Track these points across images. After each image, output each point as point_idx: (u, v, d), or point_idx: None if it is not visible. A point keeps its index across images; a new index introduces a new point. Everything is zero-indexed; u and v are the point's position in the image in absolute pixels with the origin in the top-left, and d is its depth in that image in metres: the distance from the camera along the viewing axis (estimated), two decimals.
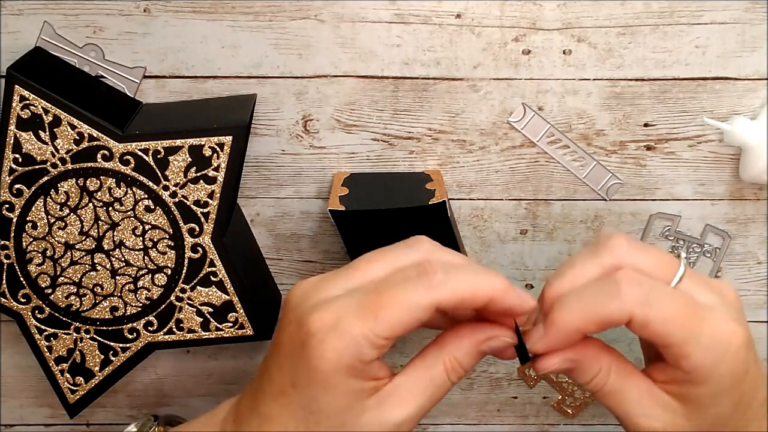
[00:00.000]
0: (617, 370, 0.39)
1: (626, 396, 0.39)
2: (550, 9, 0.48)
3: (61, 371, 0.51)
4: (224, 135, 0.46)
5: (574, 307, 0.36)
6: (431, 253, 0.37)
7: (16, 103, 0.46)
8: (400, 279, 0.36)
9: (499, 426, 0.58)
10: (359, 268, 0.37)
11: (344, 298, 0.36)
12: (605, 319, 0.36)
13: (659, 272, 0.37)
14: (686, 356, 0.36)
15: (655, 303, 0.36)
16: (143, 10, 0.48)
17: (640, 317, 0.36)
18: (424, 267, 0.36)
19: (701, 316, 0.36)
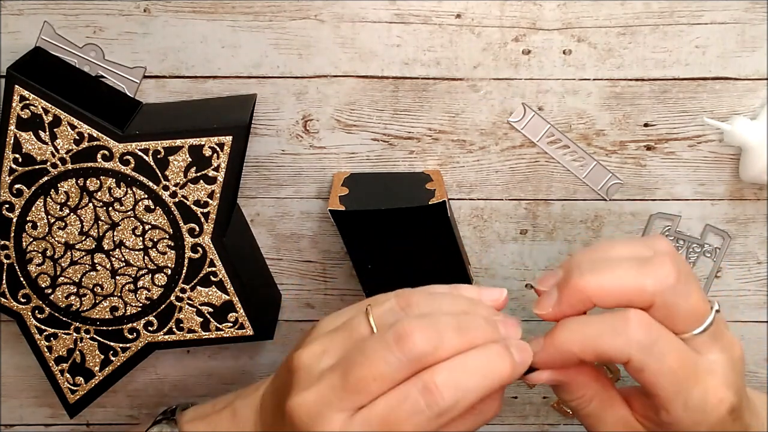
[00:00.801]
0: (600, 399, 0.40)
1: (602, 422, 0.40)
2: (550, 9, 0.48)
3: (61, 371, 0.51)
4: (224, 135, 0.46)
5: (577, 333, 0.37)
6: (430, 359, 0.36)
7: (16, 103, 0.46)
8: (410, 411, 0.35)
9: (499, 426, 0.58)
10: (359, 389, 0.36)
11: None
12: (604, 353, 0.36)
13: (688, 319, 0.37)
14: (668, 411, 0.37)
15: (657, 353, 0.36)
16: (143, 10, 0.48)
17: (637, 362, 0.36)
18: (430, 390, 0.35)
19: (696, 378, 0.37)
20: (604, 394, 0.40)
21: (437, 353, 0.36)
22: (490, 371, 0.36)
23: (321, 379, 0.37)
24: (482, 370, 0.36)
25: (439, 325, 0.36)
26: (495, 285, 0.54)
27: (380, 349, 0.36)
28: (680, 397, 0.36)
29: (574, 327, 0.37)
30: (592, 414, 0.40)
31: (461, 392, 0.35)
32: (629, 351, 0.36)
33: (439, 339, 0.36)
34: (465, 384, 0.35)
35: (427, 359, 0.36)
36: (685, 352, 0.37)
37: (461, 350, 0.36)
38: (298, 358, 0.39)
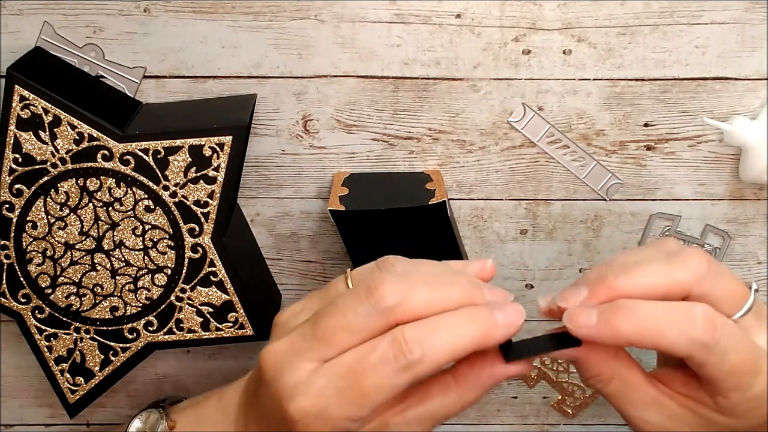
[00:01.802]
0: (621, 379, 0.38)
1: (627, 403, 0.39)
2: (550, 9, 0.48)
3: (61, 371, 0.51)
4: (224, 135, 0.46)
5: (641, 321, 0.35)
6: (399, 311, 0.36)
7: (16, 103, 0.46)
8: (376, 361, 0.35)
9: (499, 426, 0.58)
10: (327, 338, 0.36)
11: (320, 381, 0.36)
12: (664, 346, 0.35)
13: (728, 303, 0.37)
14: (727, 398, 0.37)
15: (720, 352, 0.35)
16: (143, 10, 0.48)
17: (699, 360, 0.36)
18: (398, 343, 0.35)
19: (757, 368, 0.36)
20: (626, 373, 0.38)
21: (406, 305, 0.35)
22: (462, 331, 0.35)
23: (293, 330, 0.37)
24: (454, 330, 0.35)
25: (411, 280, 0.36)
26: (495, 285, 0.54)
27: (350, 300, 0.36)
28: (742, 389, 0.36)
29: (637, 316, 0.35)
30: (616, 395, 0.39)
31: (429, 347, 0.35)
32: (691, 350, 0.35)
33: (408, 292, 0.36)
34: (434, 340, 0.35)
35: (396, 311, 0.36)
36: (747, 346, 0.36)
37: (432, 306, 0.36)
38: (277, 317, 0.40)
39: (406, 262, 0.39)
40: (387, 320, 0.36)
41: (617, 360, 0.38)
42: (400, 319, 0.36)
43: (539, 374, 0.57)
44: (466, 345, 0.35)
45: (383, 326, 0.36)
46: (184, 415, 0.46)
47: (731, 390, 0.36)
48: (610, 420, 0.58)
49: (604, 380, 0.38)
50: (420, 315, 0.36)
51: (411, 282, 0.36)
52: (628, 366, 0.38)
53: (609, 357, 0.38)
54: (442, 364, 0.35)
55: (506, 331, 0.36)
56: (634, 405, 0.39)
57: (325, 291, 0.40)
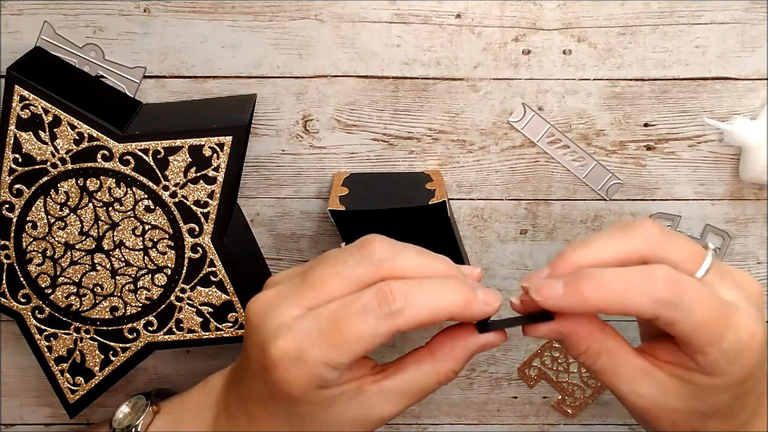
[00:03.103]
0: (608, 352, 0.39)
1: (616, 376, 0.39)
2: (550, 9, 0.48)
3: (61, 371, 0.51)
4: (224, 135, 0.46)
5: (605, 287, 0.36)
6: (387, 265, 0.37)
7: (16, 103, 0.46)
8: (360, 308, 0.36)
9: (499, 426, 0.58)
10: (315, 285, 0.37)
11: (303, 324, 0.36)
12: (630, 310, 0.36)
13: (687, 263, 0.37)
14: (704, 354, 0.37)
15: (685, 308, 0.36)
16: (143, 10, 0.48)
17: (666, 319, 0.36)
18: (384, 293, 0.36)
19: (726, 319, 0.36)
20: (613, 345, 0.39)
21: (395, 261, 0.37)
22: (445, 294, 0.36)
23: (283, 282, 0.38)
24: (437, 291, 0.36)
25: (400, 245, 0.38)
26: (495, 285, 0.54)
27: (342, 253, 0.37)
28: (715, 342, 0.36)
29: (601, 281, 0.36)
30: (605, 368, 0.39)
31: (412, 302, 0.36)
32: (657, 310, 0.36)
33: (398, 252, 0.37)
34: (418, 296, 0.36)
35: (385, 266, 0.37)
36: (711, 298, 0.36)
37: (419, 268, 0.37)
38: (270, 278, 0.40)
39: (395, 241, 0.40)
40: (376, 272, 0.37)
41: (604, 333, 0.39)
42: (388, 273, 0.37)
43: (539, 374, 0.57)
44: (446, 308, 0.36)
45: (372, 278, 0.37)
46: (170, 402, 0.48)
47: (705, 344, 0.36)
48: (610, 420, 0.58)
49: (593, 355, 0.39)
50: (408, 273, 0.37)
51: (400, 247, 0.38)
52: (614, 339, 0.39)
53: (595, 331, 0.39)
54: (422, 320, 0.36)
55: (484, 308, 0.37)
56: (625, 378, 0.39)
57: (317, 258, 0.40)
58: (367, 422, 0.39)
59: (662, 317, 0.36)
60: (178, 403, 0.47)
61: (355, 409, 0.38)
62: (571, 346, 0.39)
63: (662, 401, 0.39)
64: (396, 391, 0.39)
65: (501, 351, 0.56)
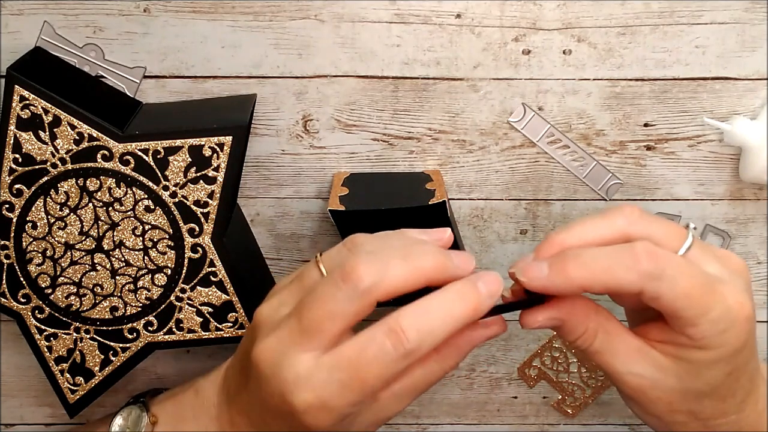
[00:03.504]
0: (604, 331, 0.39)
1: (614, 355, 0.40)
2: (550, 9, 0.48)
3: (61, 371, 0.51)
4: (224, 135, 0.46)
5: (589, 264, 0.37)
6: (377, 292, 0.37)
7: (16, 103, 0.46)
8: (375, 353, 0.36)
9: (499, 426, 0.58)
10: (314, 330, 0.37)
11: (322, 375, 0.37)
12: (615, 286, 0.36)
13: (669, 241, 0.38)
14: (694, 326, 0.37)
15: (668, 280, 0.36)
16: (143, 10, 0.48)
17: (651, 292, 0.36)
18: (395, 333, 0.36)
19: (712, 290, 0.37)
20: (608, 324, 0.39)
21: (384, 283, 0.37)
22: (453, 309, 0.37)
23: (279, 325, 0.38)
24: (445, 309, 0.36)
25: (384, 256, 0.37)
26: None
27: (329, 288, 0.37)
28: (703, 313, 0.37)
29: (584, 260, 0.37)
30: (602, 349, 0.40)
31: (426, 332, 0.36)
32: (641, 283, 0.36)
33: (384, 269, 0.37)
34: (429, 324, 0.36)
35: (375, 291, 0.37)
36: (695, 270, 0.37)
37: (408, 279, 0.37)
38: (258, 314, 0.40)
39: (373, 239, 0.40)
40: (368, 300, 0.37)
41: (599, 314, 0.39)
42: (380, 296, 0.37)
43: (539, 374, 0.57)
44: (458, 323, 0.37)
45: (366, 307, 0.37)
46: (164, 410, 0.47)
47: (694, 316, 0.37)
48: (610, 420, 0.58)
49: (590, 336, 0.39)
50: (399, 290, 0.37)
51: (384, 258, 0.37)
52: (609, 319, 0.40)
53: (591, 312, 0.39)
54: (438, 344, 0.37)
55: (490, 302, 0.38)
56: (622, 358, 0.39)
57: (299, 281, 0.40)
58: (380, 422, 0.40)
59: (647, 291, 0.36)
60: (174, 411, 0.47)
61: (371, 416, 0.39)
62: (568, 331, 0.39)
63: (659, 381, 0.39)
64: (406, 391, 0.39)
65: (501, 351, 0.56)
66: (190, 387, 0.47)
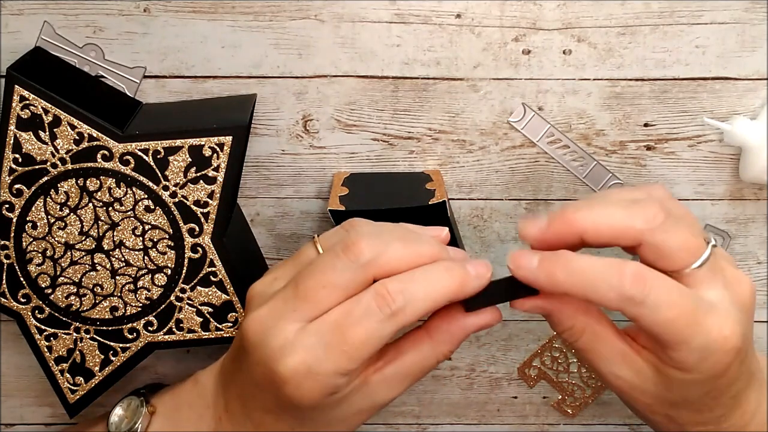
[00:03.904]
0: (591, 332, 0.40)
1: (597, 356, 0.40)
2: (550, 9, 0.48)
3: (61, 371, 0.51)
4: (224, 135, 0.46)
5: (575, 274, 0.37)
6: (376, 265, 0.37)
7: (16, 103, 0.46)
8: (361, 314, 0.36)
9: (499, 426, 0.58)
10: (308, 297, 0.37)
11: (307, 339, 0.36)
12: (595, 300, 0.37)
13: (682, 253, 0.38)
14: (673, 351, 0.37)
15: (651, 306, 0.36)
16: (143, 10, 0.48)
17: (631, 315, 0.37)
18: (381, 295, 0.36)
19: (696, 320, 0.37)
20: (596, 326, 0.40)
21: (383, 259, 0.37)
22: (440, 281, 0.37)
23: (273, 297, 0.38)
24: (432, 279, 0.37)
25: (384, 236, 0.38)
26: None
27: (329, 259, 0.37)
28: (683, 341, 0.37)
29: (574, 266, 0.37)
30: (586, 348, 0.40)
31: (411, 296, 0.36)
32: (621, 304, 0.36)
33: (384, 246, 0.37)
34: (415, 289, 0.36)
35: (374, 265, 0.37)
36: (682, 299, 0.37)
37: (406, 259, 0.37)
38: (251, 289, 0.41)
39: (372, 224, 0.40)
40: (366, 274, 0.37)
41: (588, 315, 0.40)
42: (378, 273, 0.37)
43: (539, 374, 0.57)
44: (444, 294, 0.37)
45: (363, 281, 0.37)
46: (162, 400, 0.47)
47: (674, 343, 0.37)
48: (610, 420, 0.58)
49: (576, 333, 0.40)
50: (397, 268, 0.37)
51: (384, 239, 0.38)
52: (598, 320, 0.40)
53: (580, 311, 0.39)
54: (423, 313, 0.37)
55: (477, 282, 0.38)
56: (605, 359, 0.40)
57: (296, 258, 0.41)
58: (372, 409, 0.40)
59: (627, 313, 0.37)
60: (171, 401, 0.47)
61: (361, 401, 0.39)
62: (555, 323, 0.40)
63: (638, 385, 0.40)
64: (398, 376, 0.39)
65: (501, 351, 0.56)
66: (190, 378, 0.47)
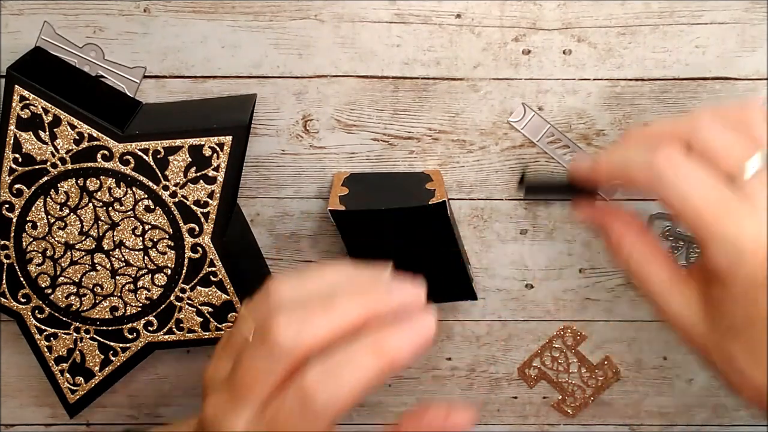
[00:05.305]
0: (640, 253, 0.40)
1: (648, 281, 0.40)
2: (550, 9, 0.48)
3: (61, 371, 0.51)
4: (224, 135, 0.46)
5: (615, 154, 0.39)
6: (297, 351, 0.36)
7: (16, 103, 0.46)
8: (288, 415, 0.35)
9: (499, 426, 0.58)
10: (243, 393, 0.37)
11: None
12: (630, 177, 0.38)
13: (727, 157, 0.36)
14: (705, 249, 0.36)
15: (680, 192, 0.36)
16: (143, 10, 0.48)
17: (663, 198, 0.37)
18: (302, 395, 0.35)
19: (728, 219, 0.36)
20: (645, 248, 0.40)
21: (304, 342, 0.35)
22: (365, 369, 0.35)
23: (219, 387, 0.39)
24: (356, 368, 0.35)
25: (306, 308, 0.36)
26: (495, 285, 0.54)
27: (252, 352, 0.37)
28: (711, 237, 0.36)
29: (616, 149, 0.39)
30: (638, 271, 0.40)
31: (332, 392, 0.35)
32: (651, 182, 0.37)
33: (302, 326, 0.36)
34: (336, 385, 0.35)
35: (295, 351, 0.36)
36: (715, 191, 0.36)
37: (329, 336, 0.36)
38: (204, 375, 0.41)
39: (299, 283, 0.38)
40: (289, 360, 0.36)
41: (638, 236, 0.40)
42: (302, 354, 0.36)
43: (539, 374, 0.57)
44: (371, 380, 0.35)
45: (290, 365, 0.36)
46: None
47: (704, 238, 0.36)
48: (610, 420, 0.58)
49: (624, 252, 0.40)
50: (321, 344, 0.36)
51: (305, 313, 0.36)
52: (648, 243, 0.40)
53: (631, 230, 0.40)
54: (349, 404, 0.35)
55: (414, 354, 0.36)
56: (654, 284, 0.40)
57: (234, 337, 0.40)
58: None
59: (660, 196, 0.37)
60: None
61: None
62: (604, 239, 0.41)
63: (688, 317, 0.39)
64: None
65: (501, 351, 0.56)
66: None
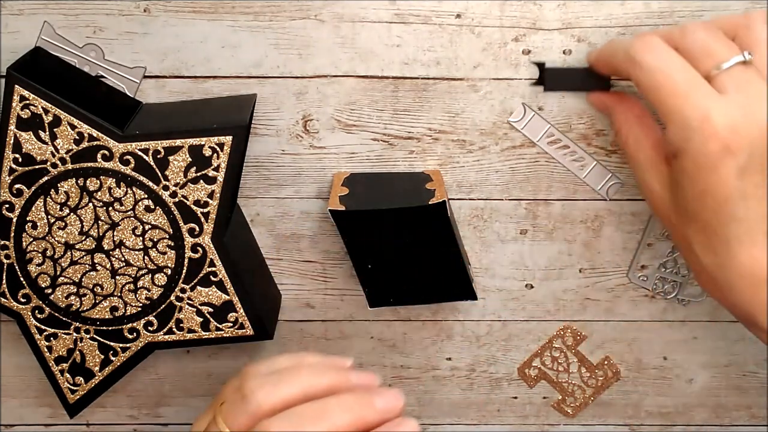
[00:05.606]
0: (635, 139, 0.45)
1: (637, 163, 0.44)
2: (550, 9, 0.48)
3: (61, 371, 0.51)
4: (224, 135, 0.46)
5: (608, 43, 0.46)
6: None
7: (16, 103, 0.46)
8: None
9: (499, 426, 0.58)
10: None
11: None
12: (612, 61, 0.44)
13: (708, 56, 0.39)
14: (665, 125, 0.40)
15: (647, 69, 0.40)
16: (143, 10, 0.48)
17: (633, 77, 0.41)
18: None
19: (688, 96, 0.38)
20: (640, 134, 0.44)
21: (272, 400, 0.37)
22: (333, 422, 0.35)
23: None
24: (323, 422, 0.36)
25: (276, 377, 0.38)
26: (495, 285, 0.54)
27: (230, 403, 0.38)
28: (668, 112, 0.39)
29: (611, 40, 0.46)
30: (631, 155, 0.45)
31: None
32: (627, 66, 0.41)
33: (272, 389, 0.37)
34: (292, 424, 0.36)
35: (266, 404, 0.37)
36: (680, 72, 0.39)
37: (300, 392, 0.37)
38: None
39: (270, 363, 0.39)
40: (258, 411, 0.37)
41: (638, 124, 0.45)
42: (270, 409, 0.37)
43: (539, 374, 0.57)
44: None
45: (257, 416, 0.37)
46: None
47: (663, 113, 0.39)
48: (610, 420, 0.58)
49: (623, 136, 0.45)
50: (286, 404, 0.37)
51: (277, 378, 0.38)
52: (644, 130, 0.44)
53: (631, 117, 0.45)
54: None
55: (384, 416, 0.36)
56: (641, 166, 0.44)
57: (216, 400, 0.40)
58: None
59: (630, 75, 0.41)
60: None
61: None
62: (611, 123, 0.47)
63: (661, 195, 0.42)
64: None
65: (501, 351, 0.56)
66: None
